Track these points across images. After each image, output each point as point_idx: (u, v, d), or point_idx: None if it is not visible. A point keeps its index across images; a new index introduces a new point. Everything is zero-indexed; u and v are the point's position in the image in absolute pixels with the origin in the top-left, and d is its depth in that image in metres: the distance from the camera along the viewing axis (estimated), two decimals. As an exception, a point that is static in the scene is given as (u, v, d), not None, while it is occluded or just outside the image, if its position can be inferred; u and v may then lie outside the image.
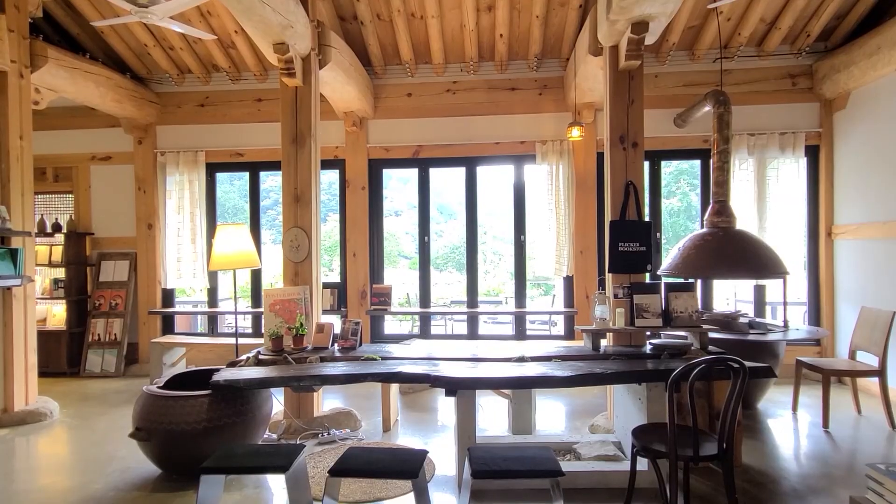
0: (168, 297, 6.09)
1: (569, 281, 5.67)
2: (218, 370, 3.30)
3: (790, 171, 5.29)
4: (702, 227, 4.38)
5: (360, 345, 3.74)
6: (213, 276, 6.04)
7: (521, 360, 3.23)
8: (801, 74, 5.32)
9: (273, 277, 10.58)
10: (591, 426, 3.90)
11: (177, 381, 3.52)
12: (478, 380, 2.83)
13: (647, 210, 5.56)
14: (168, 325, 6.09)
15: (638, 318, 3.55)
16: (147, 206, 5.98)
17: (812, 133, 5.30)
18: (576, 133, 4.80)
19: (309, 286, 3.97)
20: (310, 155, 4.00)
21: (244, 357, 3.49)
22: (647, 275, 3.77)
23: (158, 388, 3.25)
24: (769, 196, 5.32)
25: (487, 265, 15.49)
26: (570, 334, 5.67)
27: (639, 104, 3.74)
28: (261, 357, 3.49)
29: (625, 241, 3.73)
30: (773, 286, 5.56)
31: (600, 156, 5.54)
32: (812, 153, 5.35)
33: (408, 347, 3.76)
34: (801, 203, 5.31)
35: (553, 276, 5.57)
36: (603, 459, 3.13)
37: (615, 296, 3.70)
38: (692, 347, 3.41)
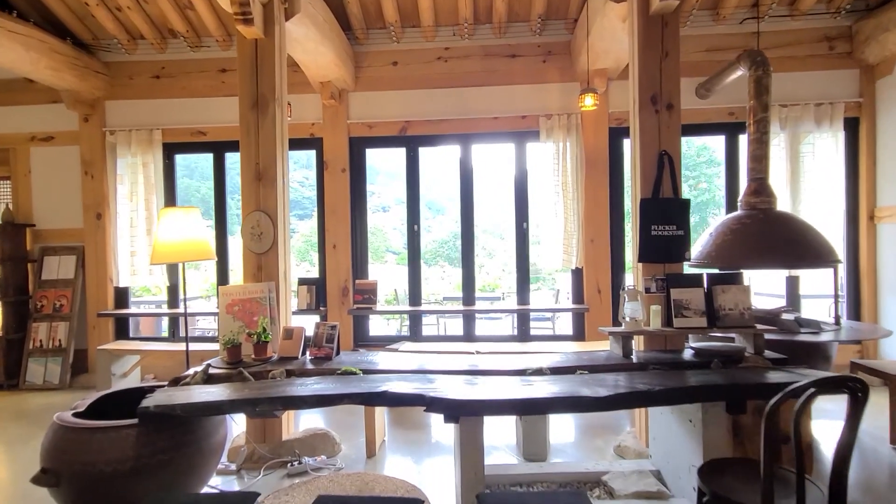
0: (121, 296, 5.34)
1: (577, 274, 5.02)
2: (154, 390, 2.60)
3: (827, 147, 4.67)
4: (727, 211, 3.78)
5: (338, 353, 3.05)
6: (172, 272, 5.29)
7: (540, 372, 2.57)
8: (839, 37, 4.69)
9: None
10: (616, 447, 3.26)
11: (112, 402, 2.80)
12: (486, 403, 2.16)
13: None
14: (122, 329, 5.34)
15: (677, 316, 2.90)
16: (95, 192, 5.21)
17: (851, 104, 4.69)
18: (589, 101, 4.13)
19: (275, 282, 3.27)
20: (274, 123, 3.30)
21: (191, 371, 2.79)
22: (685, 264, 3.13)
23: (76, 414, 2.54)
24: (804, 175, 4.70)
25: (480, 259, 14.87)
26: (579, 334, 5.02)
27: (675, 57, 3.08)
28: (211, 371, 2.79)
29: (658, 224, 3.08)
30: (806, 277, 4.97)
31: (613, 131, 4.89)
32: (851, 126, 4.74)
33: (396, 355, 3.08)
34: (840, 183, 4.70)
35: (560, 267, 4.92)
36: (644, 497, 2.49)
37: (646, 290, 3.04)
38: (746, 353, 2.77)
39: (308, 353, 3.04)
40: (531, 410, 2.21)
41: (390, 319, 8.43)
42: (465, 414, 2.18)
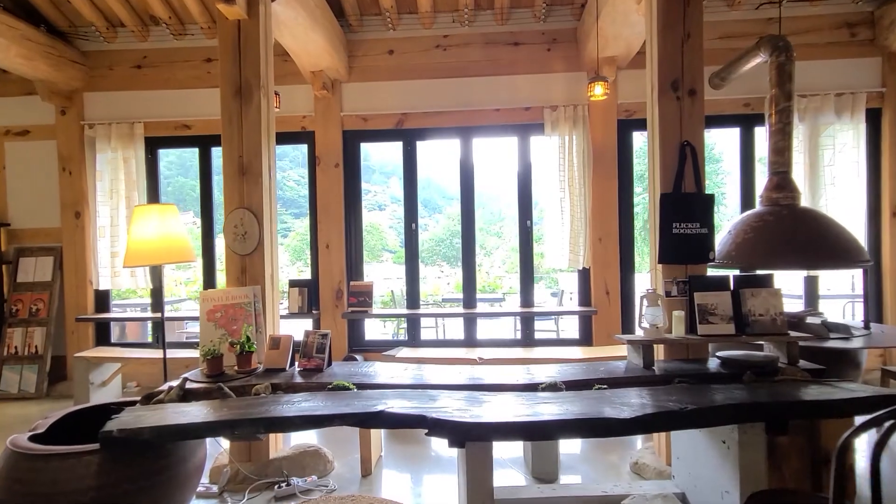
0: (102, 300, 5.04)
1: (584, 274, 4.76)
2: (123, 408, 2.33)
3: (848, 140, 4.42)
4: (742, 209, 3.51)
5: (329, 364, 2.79)
6: (156, 274, 5.00)
7: (554, 387, 2.30)
8: (860, 23, 4.44)
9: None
10: (633, 464, 3.00)
11: (81, 420, 2.51)
12: (496, 427, 1.89)
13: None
14: (103, 335, 5.05)
15: (702, 323, 2.65)
16: (74, 190, 4.92)
17: (874, 94, 4.44)
18: (599, 91, 3.87)
19: (261, 286, 3.00)
20: (260, 112, 3.02)
21: (165, 387, 2.51)
22: (707, 266, 2.87)
23: (34, 436, 2.26)
24: (823, 169, 4.45)
25: (478, 258, 14.61)
26: (586, 338, 4.75)
27: (697, 39, 2.83)
28: (189, 386, 2.51)
29: (680, 222, 2.82)
30: (824, 278, 4.74)
31: (622, 124, 4.62)
32: (874, 117, 4.49)
33: (392, 366, 2.81)
34: (861, 177, 4.45)
35: (567, 267, 4.65)
36: (671, 527, 2.23)
37: (667, 293, 2.79)
38: (780, 363, 2.51)
39: (296, 364, 2.77)
40: (547, 435, 1.95)
41: (387, 322, 8.16)
42: (473, 439, 1.91)
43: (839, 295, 6.48)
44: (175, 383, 2.52)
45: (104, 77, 4.92)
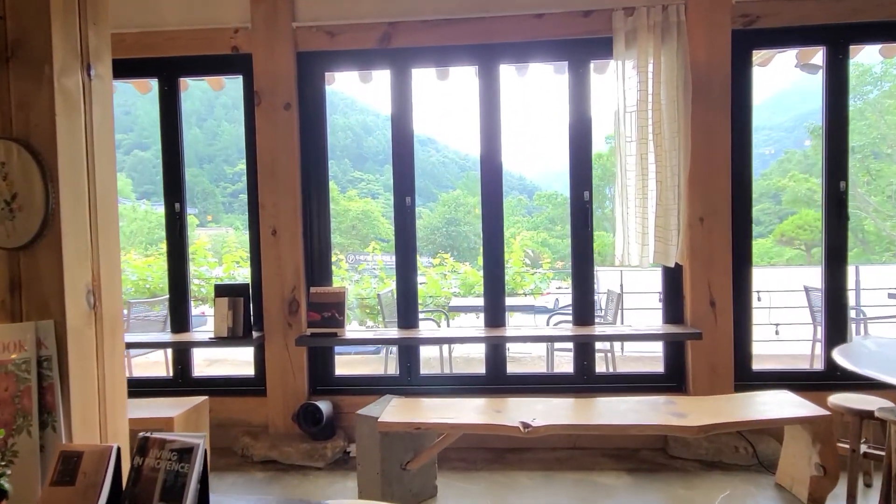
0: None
1: (671, 274, 3.09)
2: None
3: None
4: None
5: (203, 521, 1.09)
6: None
7: None
8: None
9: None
10: None
11: None
12: None
13: (823, 126, 3.01)
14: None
15: None
16: None
17: None
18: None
19: (53, 321, 1.29)
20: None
21: None
22: None
23: None
24: None
25: (472, 248, 12.77)
26: (676, 376, 3.08)
27: None
28: None
29: None
30: None
31: (738, 37, 2.92)
32: None
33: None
34: None
35: (651, 264, 2.96)
36: None
37: None
38: None
39: (118, 523, 1.08)
40: None
41: (372, 325, 6.47)
42: None
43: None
44: None
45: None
